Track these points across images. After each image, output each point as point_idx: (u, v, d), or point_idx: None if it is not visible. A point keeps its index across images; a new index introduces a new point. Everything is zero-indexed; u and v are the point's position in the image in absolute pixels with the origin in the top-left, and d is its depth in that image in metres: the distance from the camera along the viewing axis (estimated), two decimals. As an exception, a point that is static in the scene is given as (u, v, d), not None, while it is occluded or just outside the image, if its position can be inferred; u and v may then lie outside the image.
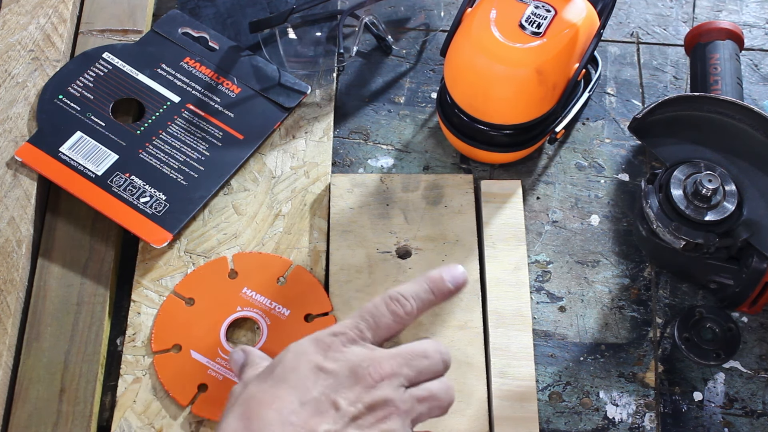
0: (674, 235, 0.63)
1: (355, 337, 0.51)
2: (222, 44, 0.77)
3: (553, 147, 0.75)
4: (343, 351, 0.50)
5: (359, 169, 0.73)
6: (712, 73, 0.71)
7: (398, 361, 0.51)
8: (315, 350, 0.51)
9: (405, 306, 0.52)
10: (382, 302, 0.52)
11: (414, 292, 0.53)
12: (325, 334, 0.52)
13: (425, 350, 0.52)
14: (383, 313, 0.52)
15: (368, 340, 0.52)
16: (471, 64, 0.65)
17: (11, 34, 0.75)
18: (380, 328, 0.52)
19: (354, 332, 0.51)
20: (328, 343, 0.51)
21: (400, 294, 0.53)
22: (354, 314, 0.53)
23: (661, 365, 0.66)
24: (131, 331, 0.65)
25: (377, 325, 0.52)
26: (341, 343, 0.51)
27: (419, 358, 0.51)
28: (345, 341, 0.51)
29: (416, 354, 0.51)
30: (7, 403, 0.62)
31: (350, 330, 0.51)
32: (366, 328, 0.52)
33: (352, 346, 0.51)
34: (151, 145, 0.71)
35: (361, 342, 0.51)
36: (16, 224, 0.66)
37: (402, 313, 0.52)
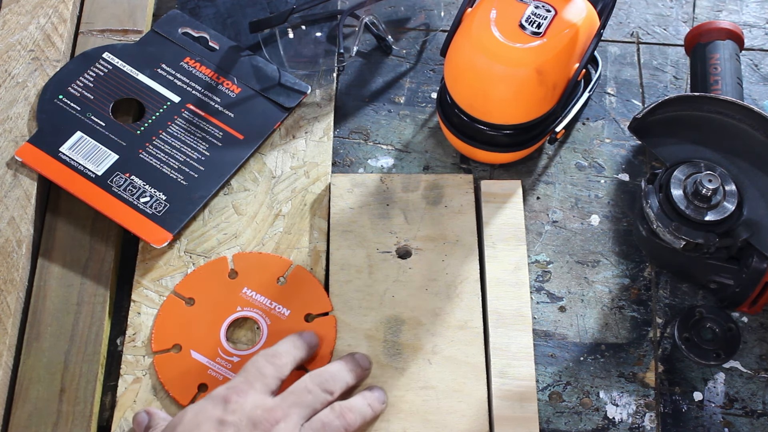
0: (674, 235, 0.63)
1: (246, 389, 0.57)
2: (222, 44, 0.77)
3: (553, 147, 0.75)
4: (239, 402, 0.56)
5: (359, 169, 0.73)
6: (712, 73, 0.71)
7: (288, 404, 0.56)
8: (213, 406, 0.56)
9: (281, 358, 0.59)
10: (261, 357, 0.59)
11: (285, 348, 0.60)
12: (219, 390, 0.57)
13: (306, 386, 0.58)
14: (264, 365, 0.58)
15: (258, 390, 0.57)
16: (471, 64, 0.65)
17: (11, 34, 0.75)
18: (266, 377, 0.58)
19: (244, 385, 0.57)
20: (225, 396, 0.56)
21: (274, 350, 0.60)
22: (239, 372, 0.59)
23: (661, 365, 0.66)
24: (131, 331, 0.65)
25: (262, 374, 0.58)
26: (236, 395, 0.56)
27: (304, 394, 0.57)
28: (239, 392, 0.56)
29: (300, 392, 0.58)
30: (7, 403, 0.62)
31: (240, 383, 0.57)
32: (254, 379, 0.57)
33: (246, 397, 0.56)
34: (151, 145, 0.71)
35: (251, 392, 0.57)
36: (16, 224, 0.66)
37: (279, 362, 0.59)
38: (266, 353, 0.59)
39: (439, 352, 0.64)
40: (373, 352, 0.64)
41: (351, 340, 0.64)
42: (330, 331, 0.64)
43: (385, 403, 0.61)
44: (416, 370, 0.63)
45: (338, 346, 0.64)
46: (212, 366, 0.63)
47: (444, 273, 0.67)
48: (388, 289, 0.66)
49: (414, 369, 0.63)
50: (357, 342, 0.64)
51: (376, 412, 0.61)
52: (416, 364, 0.63)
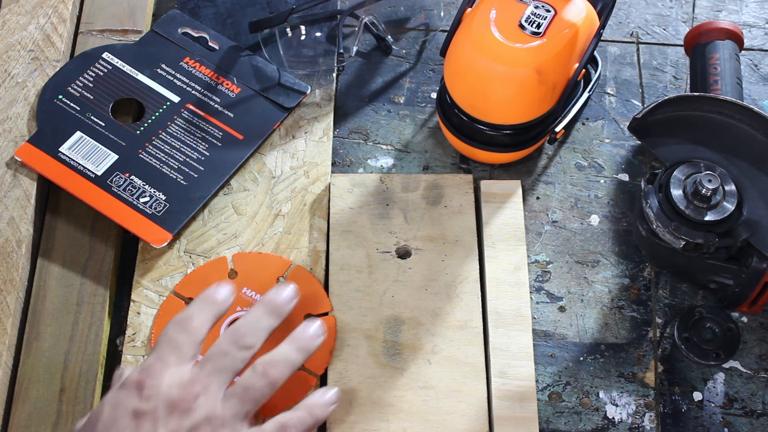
0: (674, 235, 0.63)
1: (160, 367, 0.53)
2: (222, 44, 0.77)
3: (553, 147, 0.75)
4: (154, 385, 0.52)
5: (359, 169, 0.73)
6: (712, 73, 0.71)
7: (206, 373, 0.53)
8: (127, 395, 0.52)
9: (192, 323, 0.55)
10: (171, 327, 0.55)
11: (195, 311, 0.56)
12: (133, 374, 0.53)
13: (221, 349, 0.54)
14: (176, 335, 0.55)
15: (173, 364, 0.53)
16: (471, 64, 0.65)
17: (11, 34, 0.75)
18: (179, 348, 0.54)
19: (158, 363, 0.53)
20: (138, 381, 0.53)
21: (183, 315, 0.56)
22: (152, 348, 0.55)
23: (661, 365, 0.66)
24: (131, 331, 0.65)
25: (175, 347, 0.54)
26: (149, 378, 0.53)
27: (221, 358, 0.54)
28: (152, 374, 0.53)
29: (216, 356, 0.54)
30: (7, 403, 0.62)
31: (154, 362, 0.53)
32: (168, 354, 0.54)
33: (161, 378, 0.53)
34: (150, 145, 0.71)
35: (167, 370, 0.53)
36: (15, 224, 0.66)
37: (192, 327, 0.55)
38: (175, 320, 0.56)
39: (438, 352, 0.64)
40: (372, 352, 0.64)
41: (351, 340, 0.64)
42: (330, 332, 0.64)
43: (322, 335, 0.57)
44: (416, 370, 0.63)
45: (338, 347, 0.64)
46: (212, 366, 0.63)
47: (444, 273, 0.67)
48: (387, 289, 0.66)
49: (414, 369, 0.63)
50: (357, 342, 0.64)
51: (309, 353, 0.56)
52: (416, 364, 0.63)
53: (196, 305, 0.57)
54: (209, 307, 0.57)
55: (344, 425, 0.61)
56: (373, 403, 0.62)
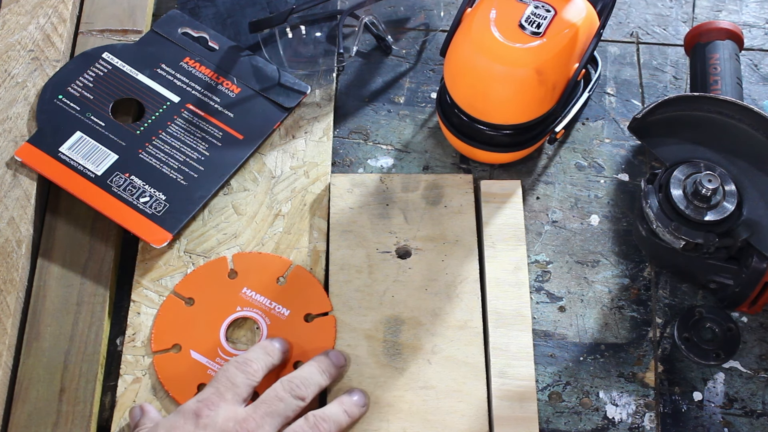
0: (674, 235, 0.63)
1: (217, 400, 0.56)
2: (222, 44, 0.77)
3: (553, 147, 0.75)
4: (210, 415, 0.55)
5: (359, 169, 0.73)
6: (712, 73, 0.71)
7: (259, 414, 0.56)
8: (184, 422, 0.55)
9: (252, 365, 0.59)
10: (232, 366, 0.59)
11: (255, 355, 0.60)
12: (191, 403, 0.56)
13: (277, 394, 0.58)
14: (235, 374, 0.58)
15: (229, 401, 0.57)
16: (471, 64, 0.65)
17: (11, 34, 0.75)
18: (237, 387, 0.57)
19: (215, 396, 0.57)
20: (196, 410, 0.56)
21: (245, 357, 0.59)
22: (210, 382, 0.58)
23: (661, 365, 0.66)
24: (131, 331, 0.65)
25: (233, 384, 0.57)
26: (207, 408, 0.56)
27: (275, 402, 0.57)
28: (210, 405, 0.56)
29: (272, 400, 0.57)
30: (7, 403, 0.62)
31: (212, 395, 0.57)
32: (225, 390, 0.57)
33: (218, 410, 0.56)
34: (150, 145, 0.71)
35: (223, 404, 0.56)
36: (16, 224, 0.66)
37: (251, 370, 0.59)
38: (237, 361, 0.59)
39: (438, 352, 0.64)
40: (372, 352, 0.64)
41: (351, 340, 0.64)
42: (330, 331, 0.64)
43: (365, 407, 0.61)
44: (416, 370, 0.63)
45: (338, 347, 0.64)
46: (212, 366, 0.63)
47: (444, 273, 0.67)
48: (387, 289, 0.66)
49: (414, 369, 0.63)
50: (357, 342, 0.64)
51: (354, 418, 0.60)
52: (416, 364, 0.63)
53: (258, 351, 0.60)
54: (268, 356, 0.60)
55: (344, 425, 0.61)
56: (373, 403, 0.62)
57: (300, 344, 0.64)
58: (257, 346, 0.61)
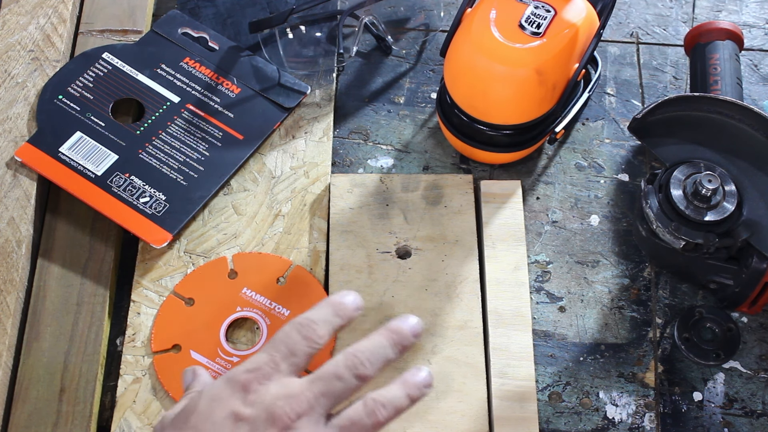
0: (674, 235, 0.63)
1: (270, 372, 0.49)
2: (222, 44, 0.77)
3: (553, 147, 0.75)
4: (259, 391, 0.49)
5: (359, 169, 0.73)
6: (712, 73, 0.71)
7: (314, 393, 0.49)
8: (230, 393, 0.49)
9: (316, 330, 0.51)
10: (292, 328, 0.51)
11: (321, 316, 0.52)
12: (241, 372, 0.50)
13: (336, 372, 0.50)
14: (296, 339, 0.50)
15: (284, 372, 0.50)
16: (471, 64, 0.65)
17: (11, 34, 0.75)
18: (295, 355, 0.50)
19: (269, 366, 0.50)
20: (244, 383, 0.49)
21: (308, 319, 0.51)
22: (266, 345, 0.51)
23: (661, 365, 0.66)
24: (131, 331, 0.65)
25: (292, 352, 0.50)
26: (257, 381, 0.49)
27: (333, 381, 0.50)
28: (261, 378, 0.49)
29: (329, 378, 0.50)
30: (7, 403, 0.62)
31: (265, 365, 0.50)
32: (281, 359, 0.50)
33: (269, 383, 0.49)
34: (150, 145, 0.71)
35: (276, 376, 0.49)
36: (16, 224, 0.66)
37: (315, 336, 0.51)
38: (300, 323, 0.51)
39: (438, 352, 0.64)
40: (372, 352, 0.64)
41: (351, 340, 0.64)
42: (330, 331, 0.64)
43: (430, 386, 0.52)
44: (416, 370, 0.63)
45: (338, 346, 0.64)
46: (212, 366, 0.63)
47: (444, 273, 0.67)
48: (387, 289, 0.66)
49: (414, 369, 0.63)
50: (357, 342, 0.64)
51: (416, 402, 0.51)
52: (416, 364, 0.63)
53: (324, 310, 0.52)
54: (338, 317, 0.52)
55: (344, 425, 0.61)
56: (373, 403, 0.62)
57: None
58: (325, 303, 0.53)
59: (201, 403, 0.49)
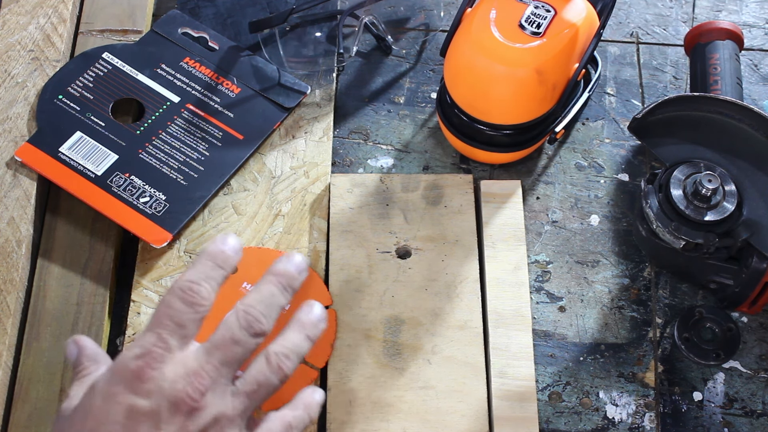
0: (674, 235, 0.63)
1: (161, 353, 0.46)
2: (222, 44, 0.77)
3: (553, 147, 0.75)
4: (154, 378, 0.45)
5: (359, 169, 0.73)
6: (712, 73, 0.71)
7: (213, 365, 0.46)
8: (123, 387, 0.45)
9: (200, 291, 0.47)
10: (174, 297, 0.47)
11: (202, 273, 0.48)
12: (129, 359, 0.46)
13: (233, 335, 0.47)
14: (180, 310, 0.47)
15: (175, 348, 0.46)
16: (471, 64, 0.65)
17: (11, 34, 0.75)
18: (184, 327, 0.47)
19: (158, 347, 0.46)
20: (135, 372, 0.45)
21: (188, 281, 0.47)
22: (150, 322, 0.47)
23: (661, 365, 0.66)
24: (131, 331, 0.65)
25: (179, 325, 0.46)
26: (149, 367, 0.45)
27: (231, 346, 0.47)
28: (152, 362, 0.45)
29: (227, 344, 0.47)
30: (7, 403, 0.62)
31: (153, 346, 0.46)
32: (169, 335, 0.46)
33: (162, 366, 0.45)
34: (150, 145, 0.71)
35: (168, 356, 0.46)
36: (16, 224, 0.66)
37: (199, 299, 0.47)
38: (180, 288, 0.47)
39: (438, 352, 0.64)
40: (372, 352, 0.64)
41: (351, 339, 0.64)
42: (331, 325, 0.64)
43: (324, 322, 0.51)
44: (416, 370, 0.63)
45: (338, 346, 0.64)
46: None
47: (444, 273, 0.67)
48: (387, 289, 0.66)
49: (414, 369, 0.63)
50: (357, 342, 0.64)
51: (316, 340, 0.50)
52: (416, 364, 0.63)
53: (203, 266, 0.48)
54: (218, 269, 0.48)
55: (344, 425, 0.61)
56: (373, 403, 0.62)
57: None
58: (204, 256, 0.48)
59: (95, 403, 0.46)
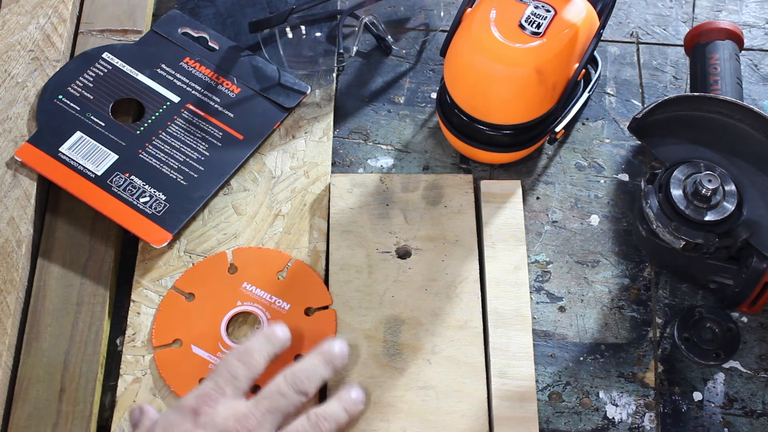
0: (674, 235, 0.63)
1: (217, 396, 0.55)
2: (222, 44, 0.77)
3: (553, 147, 0.75)
4: (209, 414, 0.53)
5: (359, 169, 0.73)
6: (712, 73, 0.71)
7: (261, 411, 0.55)
8: (182, 419, 0.54)
9: (254, 355, 0.57)
10: (233, 357, 0.57)
11: (257, 346, 0.58)
12: (190, 398, 0.54)
13: (279, 389, 0.56)
14: (236, 366, 0.56)
15: (229, 395, 0.55)
16: (471, 64, 0.65)
17: (11, 34, 0.75)
18: (237, 379, 0.56)
19: (215, 391, 0.55)
20: (195, 408, 0.54)
21: (246, 347, 0.58)
22: (210, 374, 0.57)
23: (661, 365, 0.66)
24: (131, 331, 0.65)
25: (234, 377, 0.56)
26: (206, 405, 0.54)
27: (277, 398, 0.56)
28: (209, 402, 0.54)
29: (274, 395, 0.56)
30: (7, 403, 0.62)
31: (211, 390, 0.55)
32: (225, 383, 0.55)
33: (217, 406, 0.54)
34: (150, 145, 0.71)
35: (222, 399, 0.55)
36: (16, 224, 0.66)
37: (253, 361, 0.57)
38: (238, 352, 0.57)
39: (438, 352, 0.64)
40: (372, 352, 0.64)
41: (351, 340, 0.64)
42: (330, 325, 0.64)
43: (363, 404, 0.60)
44: (416, 370, 0.63)
45: (338, 346, 0.64)
46: (213, 360, 0.63)
47: (444, 273, 0.67)
48: (387, 289, 0.66)
49: (414, 369, 0.63)
50: (357, 342, 0.64)
51: (352, 416, 0.59)
52: (416, 364, 0.63)
53: (259, 340, 0.58)
54: (271, 345, 0.58)
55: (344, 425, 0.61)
56: (373, 403, 0.62)
57: (301, 338, 0.64)
58: (259, 334, 0.59)
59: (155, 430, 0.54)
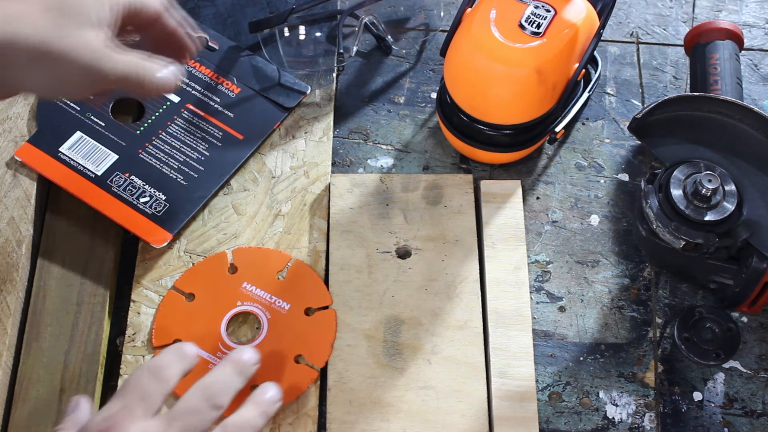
0: (674, 235, 0.63)
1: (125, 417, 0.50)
2: (222, 44, 0.77)
3: (553, 147, 0.75)
4: None
5: (359, 169, 0.73)
6: (712, 73, 0.71)
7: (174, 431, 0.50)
8: None
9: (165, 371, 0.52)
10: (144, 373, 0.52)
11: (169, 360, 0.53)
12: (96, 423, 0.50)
13: (193, 405, 0.52)
14: (147, 382, 0.52)
15: (139, 416, 0.50)
16: (471, 64, 0.65)
17: (11, 34, 0.75)
18: (149, 396, 0.51)
19: (123, 413, 0.50)
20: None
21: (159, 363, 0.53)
22: (118, 392, 0.52)
23: (661, 365, 0.66)
24: (131, 331, 0.65)
25: (146, 395, 0.51)
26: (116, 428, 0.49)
27: (191, 416, 0.51)
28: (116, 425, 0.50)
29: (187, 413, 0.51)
30: (7, 403, 0.62)
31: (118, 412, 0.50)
32: (135, 403, 0.51)
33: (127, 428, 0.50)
34: (150, 145, 0.71)
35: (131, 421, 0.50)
36: (16, 224, 0.66)
37: (164, 376, 0.52)
38: (150, 367, 0.53)
39: (438, 352, 0.64)
40: (372, 352, 0.64)
41: (351, 340, 0.64)
42: (330, 325, 0.64)
43: (279, 401, 0.56)
44: (416, 370, 0.63)
45: (338, 346, 0.64)
46: (213, 360, 0.63)
47: (444, 273, 0.67)
48: (387, 289, 0.66)
49: (414, 369, 0.63)
50: (357, 342, 0.64)
51: (270, 417, 0.55)
52: (416, 364, 0.63)
53: (171, 355, 0.54)
54: (182, 360, 0.54)
55: (344, 425, 0.61)
56: (373, 403, 0.62)
57: (301, 338, 0.64)
58: (170, 349, 0.55)
59: None
